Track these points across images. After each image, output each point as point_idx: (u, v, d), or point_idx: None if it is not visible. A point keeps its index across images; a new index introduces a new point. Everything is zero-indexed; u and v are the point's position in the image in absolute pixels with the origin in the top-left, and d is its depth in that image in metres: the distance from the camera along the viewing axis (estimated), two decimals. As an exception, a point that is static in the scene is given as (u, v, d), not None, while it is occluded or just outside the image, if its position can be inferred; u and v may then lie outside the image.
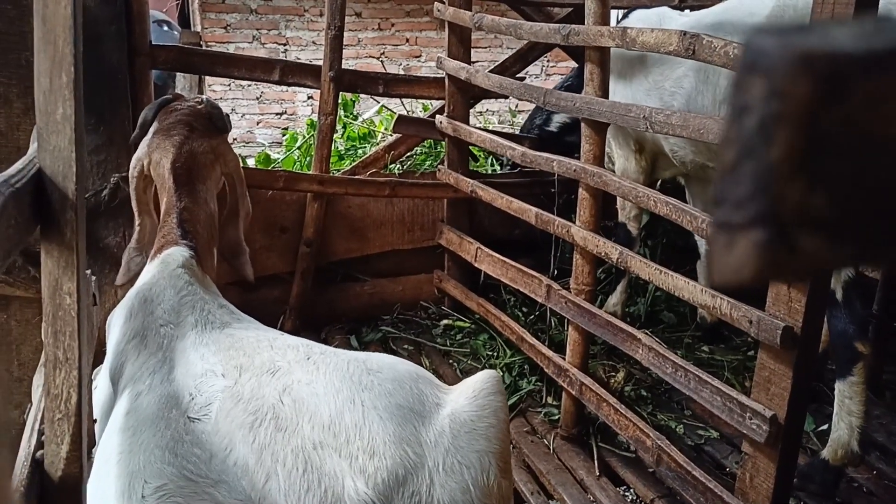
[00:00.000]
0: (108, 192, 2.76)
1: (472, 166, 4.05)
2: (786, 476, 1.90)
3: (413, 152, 4.05)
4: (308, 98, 7.55)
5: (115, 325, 1.67)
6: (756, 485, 1.92)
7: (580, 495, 2.44)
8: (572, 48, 3.69)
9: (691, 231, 2.31)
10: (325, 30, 3.35)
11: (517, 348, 3.15)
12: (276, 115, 7.63)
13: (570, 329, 2.69)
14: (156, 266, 1.77)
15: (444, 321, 3.69)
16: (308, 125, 4.86)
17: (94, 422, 1.55)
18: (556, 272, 3.35)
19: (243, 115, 7.52)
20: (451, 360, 3.38)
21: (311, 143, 4.20)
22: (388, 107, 5.05)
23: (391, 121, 3.98)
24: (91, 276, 1.66)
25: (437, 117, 3.61)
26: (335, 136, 3.81)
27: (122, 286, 2.08)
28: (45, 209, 1.17)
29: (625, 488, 2.52)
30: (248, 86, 7.40)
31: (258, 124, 7.61)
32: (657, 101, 2.90)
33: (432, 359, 3.38)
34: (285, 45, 7.53)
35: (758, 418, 1.85)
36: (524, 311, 3.63)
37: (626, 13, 3.28)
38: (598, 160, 2.58)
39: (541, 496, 2.48)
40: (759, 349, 1.91)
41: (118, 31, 2.78)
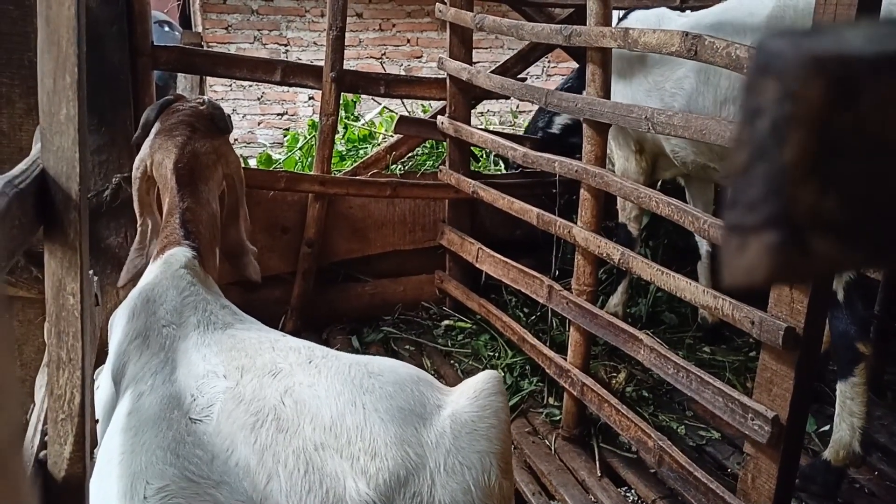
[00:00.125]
0: (110, 192, 2.76)
1: (474, 167, 4.05)
2: (788, 477, 1.90)
3: (414, 153, 4.05)
4: (309, 99, 7.55)
5: (118, 326, 1.67)
6: (758, 486, 1.92)
7: (582, 496, 2.44)
8: (574, 49, 3.69)
9: (693, 232, 2.31)
10: (326, 30, 3.35)
11: (518, 349, 3.15)
12: (278, 115, 7.63)
13: (572, 330, 2.69)
14: (158, 266, 1.77)
15: (446, 322, 3.69)
16: (309, 126, 4.86)
17: (97, 422, 1.55)
18: (557, 273, 3.35)
19: (244, 115, 7.52)
20: (452, 361, 3.38)
21: (313, 143, 4.21)
22: (389, 108, 5.05)
23: (392, 121, 3.99)
24: (93, 276, 1.67)
25: (439, 118, 3.61)
26: (336, 136, 3.81)
27: (123, 287, 2.08)
28: (48, 210, 1.17)
29: (626, 489, 2.52)
30: (250, 86, 7.41)
31: (259, 125, 7.61)
32: (657, 101, 2.89)
33: (433, 359, 3.38)
34: (286, 46, 7.54)
35: (759, 419, 1.85)
36: (525, 311, 3.63)
37: (625, 14, 3.28)
38: (600, 161, 2.58)
39: (542, 497, 2.48)
40: (761, 350, 1.91)
41: (120, 32, 2.78)
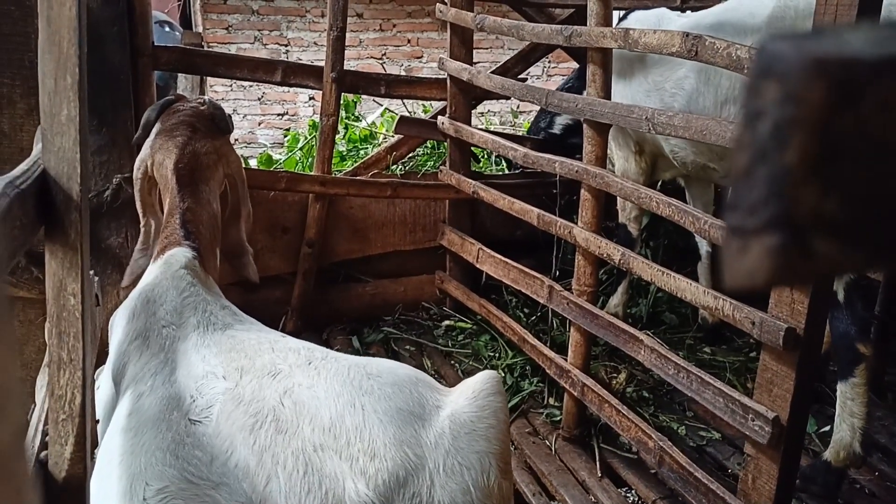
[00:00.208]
0: (111, 192, 2.76)
1: (474, 167, 4.05)
2: (788, 478, 1.90)
3: (415, 153, 4.05)
4: (310, 99, 7.55)
5: (118, 326, 1.67)
6: (758, 486, 1.92)
7: (582, 496, 2.44)
8: (574, 49, 3.69)
9: (693, 232, 2.31)
10: (326, 31, 3.35)
11: (519, 349, 3.15)
12: (278, 115, 7.64)
13: (572, 330, 2.69)
14: (159, 267, 1.77)
15: (446, 322, 3.69)
16: (310, 126, 4.87)
17: (97, 422, 1.55)
18: (557, 273, 3.35)
19: (245, 115, 7.52)
20: (452, 361, 3.38)
21: (313, 144, 4.21)
22: (390, 108, 5.06)
23: (393, 122, 3.99)
24: (94, 276, 1.67)
25: (439, 118, 3.61)
26: (337, 137, 3.81)
27: (125, 287, 2.08)
28: (49, 210, 1.17)
29: (626, 489, 2.52)
30: (250, 87, 7.41)
31: (260, 125, 7.61)
32: (657, 101, 2.89)
33: (434, 360, 3.38)
34: (287, 46, 7.54)
35: (760, 420, 1.85)
36: (526, 312, 3.63)
37: (625, 14, 3.28)
38: (601, 161, 2.58)
39: (543, 497, 2.48)
40: (761, 351, 1.91)
41: (120, 32, 2.78)
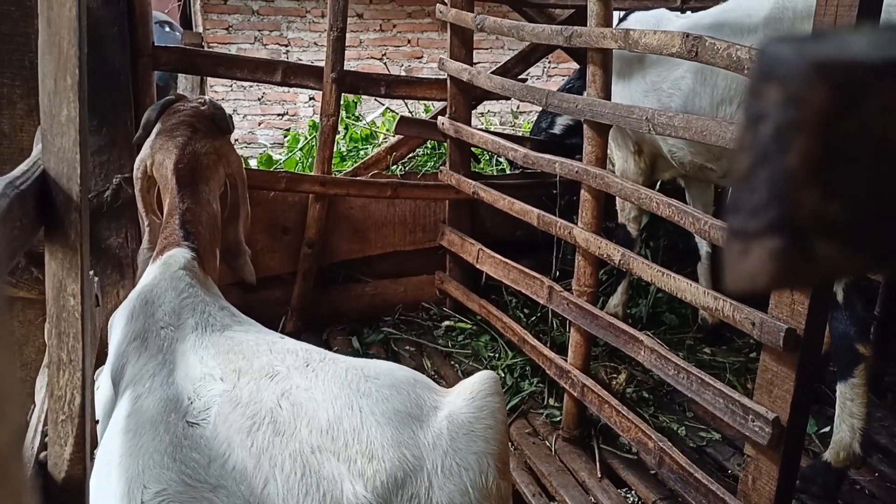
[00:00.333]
0: (111, 193, 2.76)
1: (474, 167, 4.05)
2: (788, 478, 1.90)
3: (415, 153, 4.05)
4: (310, 99, 7.55)
5: (117, 327, 1.67)
6: (758, 487, 1.92)
7: (582, 497, 2.44)
8: (574, 50, 3.69)
9: (693, 233, 2.31)
10: (326, 31, 3.35)
11: (519, 350, 3.15)
12: (278, 116, 7.64)
13: (572, 330, 2.69)
14: (157, 267, 1.76)
15: (446, 322, 3.69)
16: (310, 126, 4.87)
17: (97, 423, 1.55)
18: (557, 273, 3.35)
19: (245, 116, 7.52)
20: (452, 362, 3.38)
21: (313, 144, 4.21)
22: (391, 108, 5.06)
23: (393, 122, 3.99)
24: (93, 277, 1.67)
25: (439, 118, 3.61)
26: (337, 137, 3.81)
27: (124, 288, 2.08)
28: (49, 211, 1.17)
29: (626, 490, 2.52)
30: (250, 87, 7.41)
31: (260, 125, 7.61)
32: (655, 101, 2.90)
33: (434, 360, 3.38)
34: (287, 47, 7.54)
35: (760, 420, 1.85)
36: (526, 312, 3.63)
37: (625, 15, 3.28)
38: (601, 162, 2.58)
39: (542, 498, 2.48)
40: (761, 351, 1.91)
41: (120, 33, 2.78)
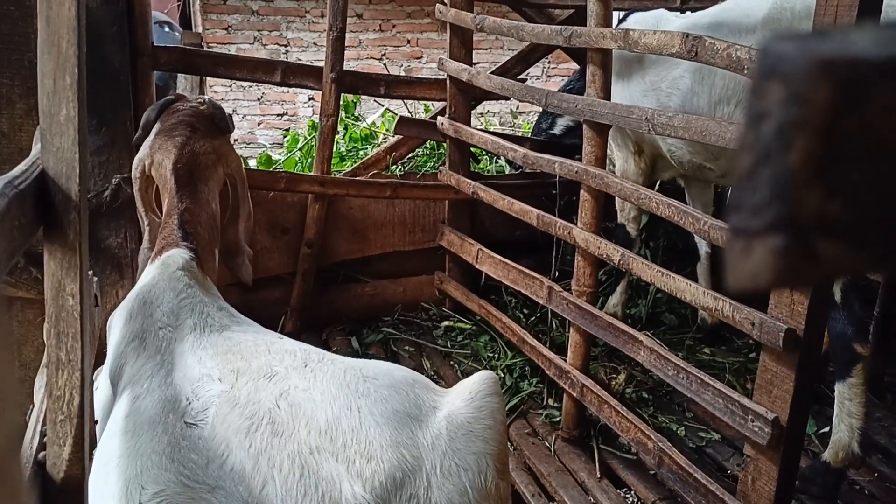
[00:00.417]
0: (110, 193, 2.76)
1: (474, 167, 4.05)
2: (788, 479, 1.89)
3: (414, 154, 4.05)
4: (309, 99, 7.55)
5: (116, 327, 1.67)
6: (758, 487, 1.92)
7: (581, 497, 2.44)
8: (574, 50, 3.69)
9: (692, 233, 2.31)
10: (326, 31, 3.35)
11: (518, 350, 3.15)
12: (278, 116, 7.63)
13: (572, 331, 2.69)
14: (156, 268, 1.76)
15: (445, 322, 3.69)
16: (309, 126, 4.87)
17: (95, 423, 1.55)
18: (557, 274, 3.35)
19: (244, 116, 7.52)
20: (451, 362, 3.38)
21: (313, 144, 4.21)
22: (391, 109, 5.06)
23: (392, 122, 3.99)
24: (92, 277, 1.66)
25: (439, 119, 3.61)
26: (336, 137, 3.80)
27: (123, 288, 2.08)
28: (48, 210, 1.17)
29: (626, 490, 2.52)
30: (249, 87, 7.41)
31: (259, 125, 7.61)
32: (654, 101, 2.91)
33: (433, 360, 3.38)
34: (286, 47, 7.54)
35: (760, 421, 1.85)
36: (525, 312, 3.63)
37: (624, 16, 3.29)
38: (600, 162, 2.58)
39: (542, 498, 2.48)
40: (761, 351, 1.91)
41: (120, 33, 2.78)
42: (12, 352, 2.06)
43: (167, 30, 5.48)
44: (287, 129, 7.10)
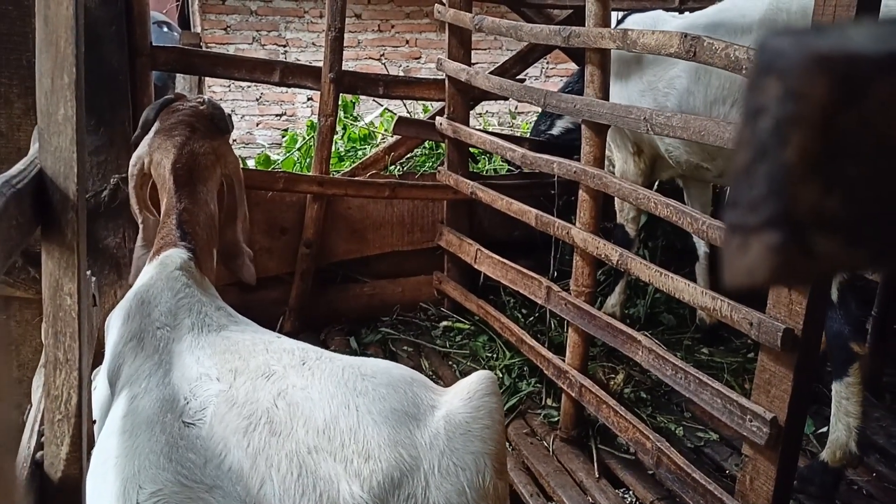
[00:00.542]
0: (108, 192, 2.76)
1: (472, 168, 4.05)
2: (786, 478, 1.90)
3: (413, 154, 4.05)
4: (308, 99, 7.55)
5: (114, 327, 1.67)
6: (756, 487, 1.92)
7: (579, 497, 2.44)
8: (573, 50, 3.69)
9: (691, 233, 2.31)
10: (325, 31, 3.35)
11: (517, 350, 3.15)
12: (276, 116, 7.63)
13: (570, 331, 2.69)
14: (154, 268, 1.76)
15: (444, 322, 3.69)
16: (308, 126, 4.86)
17: (94, 423, 1.55)
18: (555, 274, 3.35)
19: (243, 116, 7.51)
20: (450, 362, 3.38)
21: (311, 144, 4.20)
22: (390, 109, 5.05)
23: (391, 122, 3.98)
24: (90, 276, 1.66)
25: (437, 119, 3.61)
26: (335, 137, 3.80)
27: (122, 287, 2.08)
28: (46, 210, 1.16)
29: (624, 490, 2.52)
30: (248, 87, 7.40)
31: (258, 125, 7.61)
32: (651, 101, 2.91)
33: (432, 360, 3.38)
34: (285, 47, 7.53)
35: (758, 420, 1.85)
36: (524, 312, 3.63)
37: (623, 17, 3.29)
38: (599, 162, 2.58)
39: (540, 498, 2.48)
40: (759, 351, 1.91)
41: (118, 33, 2.78)
42: (10, 351, 2.06)
43: (166, 30, 5.47)
44: (286, 130, 7.10)
